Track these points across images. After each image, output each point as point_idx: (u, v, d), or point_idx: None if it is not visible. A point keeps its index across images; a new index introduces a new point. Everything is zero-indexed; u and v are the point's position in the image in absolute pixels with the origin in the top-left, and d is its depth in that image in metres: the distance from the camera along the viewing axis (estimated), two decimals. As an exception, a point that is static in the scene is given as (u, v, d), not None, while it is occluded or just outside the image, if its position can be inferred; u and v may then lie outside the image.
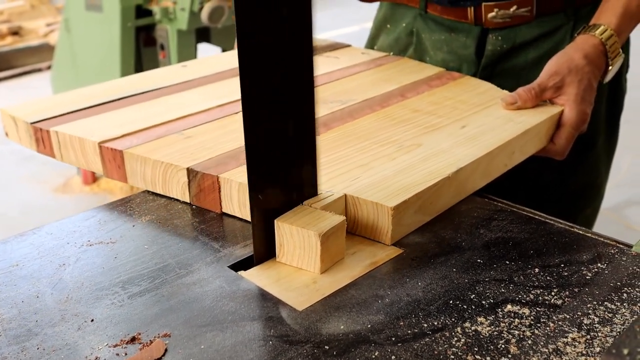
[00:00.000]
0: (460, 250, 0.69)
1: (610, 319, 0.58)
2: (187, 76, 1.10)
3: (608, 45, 0.96)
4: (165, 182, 0.81)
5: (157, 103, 0.98)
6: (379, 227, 0.70)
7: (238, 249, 0.70)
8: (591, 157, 1.17)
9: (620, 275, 0.64)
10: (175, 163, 0.78)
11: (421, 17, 1.18)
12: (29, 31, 5.66)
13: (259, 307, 0.60)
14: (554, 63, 0.96)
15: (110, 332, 0.57)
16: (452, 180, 0.76)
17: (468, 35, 1.12)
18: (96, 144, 0.84)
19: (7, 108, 0.96)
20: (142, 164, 0.81)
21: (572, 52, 0.96)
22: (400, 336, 0.56)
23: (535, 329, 0.56)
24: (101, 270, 0.67)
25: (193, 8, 2.61)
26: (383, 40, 1.28)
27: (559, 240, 0.71)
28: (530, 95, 0.93)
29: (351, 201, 0.71)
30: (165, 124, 0.90)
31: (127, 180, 0.84)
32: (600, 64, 0.97)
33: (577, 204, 1.22)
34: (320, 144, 0.82)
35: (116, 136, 0.86)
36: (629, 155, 3.32)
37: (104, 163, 0.85)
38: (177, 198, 0.81)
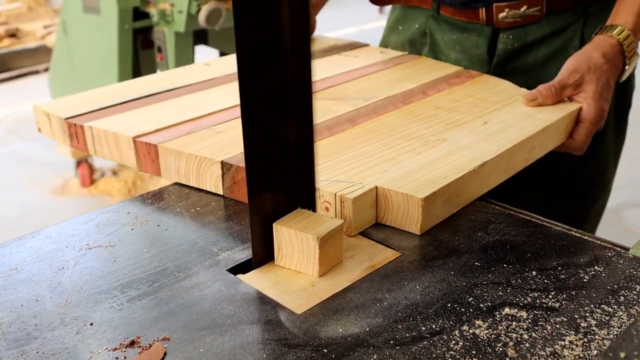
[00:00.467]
0: (458, 253, 0.69)
1: (608, 322, 0.58)
2: (211, 74, 1.13)
3: (625, 45, 0.99)
4: (199, 176, 0.83)
5: (185, 100, 1.01)
6: (409, 218, 0.73)
7: (237, 253, 0.70)
8: (601, 152, 1.19)
9: (617, 278, 0.64)
10: (209, 157, 0.81)
11: (433, 18, 1.20)
12: (26, 33, 5.65)
13: (257, 311, 0.60)
14: (574, 61, 0.98)
15: (110, 335, 0.57)
16: (477, 174, 0.78)
17: (480, 35, 1.14)
18: (130, 139, 0.87)
19: (40, 104, 0.98)
20: (175, 158, 0.84)
21: (591, 51, 0.98)
22: (398, 339, 0.56)
23: (533, 332, 0.57)
24: (100, 273, 0.67)
25: (190, 10, 2.61)
26: (395, 41, 1.30)
27: (556, 243, 0.71)
28: (550, 92, 0.95)
29: (382, 193, 0.73)
30: (195, 119, 0.93)
31: (160, 174, 0.86)
32: (617, 63, 0.99)
33: (587, 199, 1.24)
34: (347, 139, 0.87)
35: (149, 131, 0.88)
36: (626, 157, 3.33)
37: (138, 157, 0.87)
38: (210, 191, 0.83)
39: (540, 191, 1.08)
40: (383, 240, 0.72)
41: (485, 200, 0.81)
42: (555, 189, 1.18)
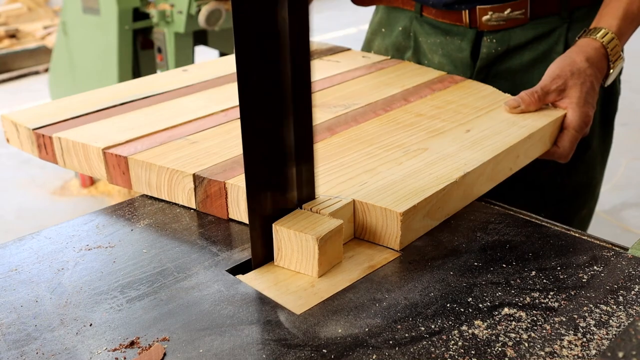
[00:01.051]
0: (457, 253, 0.69)
1: (607, 322, 0.58)
2: (189, 81, 1.10)
3: (609, 48, 0.97)
4: (170, 189, 0.80)
5: (160, 108, 0.98)
6: (387, 233, 0.70)
7: (236, 253, 0.70)
8: (587, 158, 1.18)
9: (616, 277, 0.65)
10: (181, 169, 0.78)
11: (417, 20, 1.19)
12: (26, 34, 5.66)
13: (257, 311, 0.60)
14: (557, 66, 0.96)
15: (109, 336, 0.57)
16: (460, 185, 0.76)
17: (463, 39, 1.13)
18: (100, 150, 0.84)
19: (8, 114, 0.96)
20: (146, 170, 0.81)
21: (574, 55, 0.97)
22: (397, 339, 0.56)
23: (532, 332, 0.57)
24: (100, 274, 0.67)
25: (190, 11, 2.61)
26: (379, 44, 1.28)
27: (555, 243, 0.71)
28: (533, 98, 0.94)
29: (359, 207, 0.71)
30: (169, 129, 0.90)
31: (131, 187, 0.83)
32: (602, 67, 0.98)
33: (573, 205, 1.22)
34: (326, 148, 0.84)
35: (120, 142, 0.86)
36: (624, 157, 3.33)
37: (107, 169, 0.84)
38: (182, 204, 0.80)
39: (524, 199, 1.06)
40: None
41: (485, 201, 0.81)
42: (540, 196, 1.17)
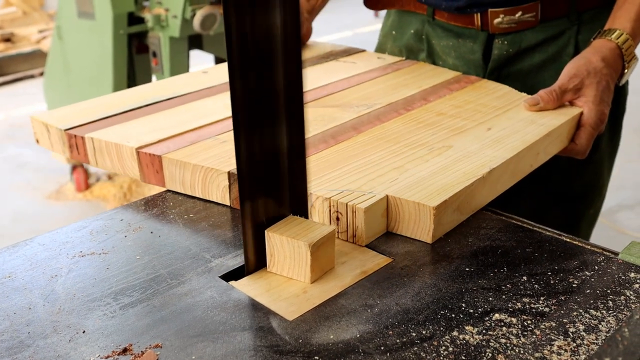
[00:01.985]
0: (449, 259, 0.70)
1: (596, 327, 0.58)
2: (209, 82, 1.13)
3: (624, 49, 1.00)
4: (205, 187, 0.82)
5: (186, 109, 1.01)
6: (420, 226, 0.73)
7: (229, 259, 0.70)
8: (595, 158, 1.20)
9: (606, 282, 0.65)
10: (215, 167, 0.80)
11: (429, 23, 1.21)
12: (21, 38, 5.65)
13: (249, 317, 0.61)
14: (573, 66, 0.99)
15: (102, 343, 0.57)
16: (486, 181, 0.79)
17: (475, 41, 1.15)
18: (134, 150, 0.86)
19: (38, 115, 0.97)
20: (180, 169, 0.83)
21: (590, 55, 0.99)
22: (389, 345, 0.56)
23: (522, 337, 0.57)
24: (93, 281, 0.67)
25: (185, 15, 2.62)
26: (391, 46, 1.31)
27: (547, 248, 0.72)
28: (551, 97, 0.96)
29: (393, 202, 0.74)
30: (198, 129, 0.93)
31: (165, 185, 0.86)
32: (617, 66, 1.00)
33: (582, 204, 1.24)
34: (353, 147, 0.87)
35: (152, 141, 0.88)
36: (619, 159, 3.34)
37: (141, 168, 0.87)
38: (217, 201, 0.82)
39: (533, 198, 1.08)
40: (375, 246, 0.72)
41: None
42: (549, 196, 1.19)
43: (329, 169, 0.80)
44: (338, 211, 0.73)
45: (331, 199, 0.73)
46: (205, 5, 2.63)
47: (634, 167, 3.31)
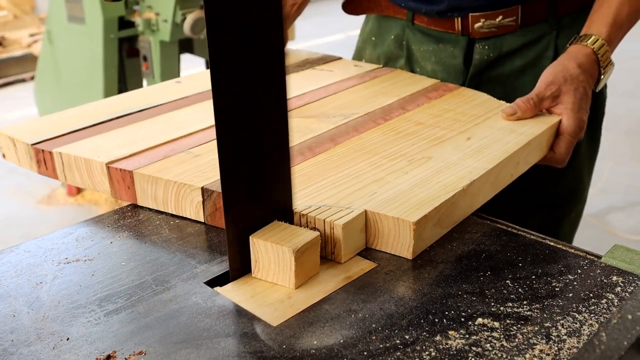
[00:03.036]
0: (433, 263, 0.70)
1: (578, 330, 0.59)
2: (183, 93, 1.10)
3: (600, 54, 1.00)
4: (178, 203, 0.80)
5: (158, 121, 0.98)
6: (400, 242, 0.71)
7: (214, 265, 0.71)
8: (575, 163, 1.20)
9: (589, 286, 0.66)
10: (188, 183, 0.78)
11: (409, 28, 1.21)
12: (12, 42, 5.63)
13: (234, 323, 0.61)
14: (550, 73, 0.99)
15: (86, 350, 0.58)
16: (466, 193, 0.78)
17: (456, 46, 1.15)
18: (103, 165, 0.83)
19: (4, 129, 0.94)
20: (153, 185, 0.81)
21: (567, 61, 0.99)
22: (372, 351, 0.57)
23: (505, 341, 0.58)
24: (78, 288, 0.67)
25: (175, 19, 2.62)
26: (370, 53, 1.30)
27: (531, 252, 0.72)
28: (529, 105, 0.96)
29: (372, 217, 0.72)
30: (171, 142, 0.90)
31: (137, 201, 0.83)
32: (593, 72, 1.00)
33: (563, 209, 1.25)
34: (331, 159, 0.86)
35: (123, 156, 0.85)
36: (610, 161, 3.36)
37: (112, 184, 0.84)
38: (190, 217, 0.80)
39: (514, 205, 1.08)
40: (359, 251, 0.73)
41: (462, 210, 0.82)
42: (530, 201, 1.19)
43: (306, 182, 0.78)
44: (315, 227, 0.71)
45: (308, 215, 0.71)
46: (195, 9, 2.63)
47: (625, 169, 3.33)
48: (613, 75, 1.07)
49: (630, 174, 3.30)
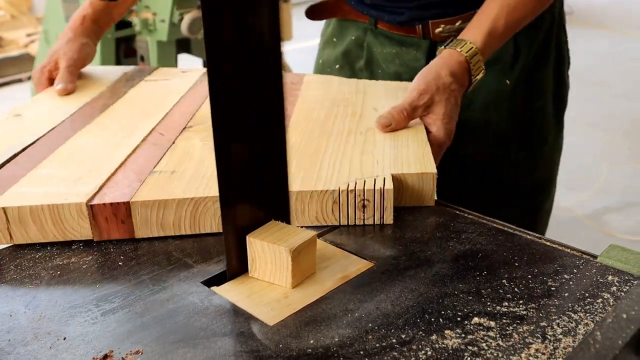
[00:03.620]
0: (430, 263, 0.70)
1: (574, 329, 0.59)
2: (59, 116, 1.05)
3: (472, 63, 0.99)
4: (195, 220, 0.76)
5: (65, 152, 0.90)
6: (423, 194, 0.81)
7: (211, 265, 0.71)
8: (545, 153, 1.24)
9: (585, 285, 0.66)
10: (206, 195, 0.75)
11: (371, 32, 1.24)
12: (9, 42, 5.62)
13: (230, 323, 0.61)
14: (423, 81, 0.97)
15: (83, 350, 0.58)
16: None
17: (418, 49, 1.18)
18: (83, 206, 0.74)
19: None
20: (159, 210, 0.75)
21: (439, 68, 0.98)
22: (368, 350, 0.57)
23: (501, 341, 0.58)
24: (75, 287, 0.67)
25: (173, 19, 2.62)
26: (329, 53, 1.33)
27: (527, 251, 0.72)
28: (402, 115, 0.95)
29: (396, 178, 0.80)
30: (121, 167, 0.85)
31: (134, 234, 0.76)
32: (464, 81, 1.00)
33: (536, 201, 1.28)
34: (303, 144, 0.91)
35: (94, 191, 0.77)
36: (606, 162, 3.37)
37: (96, 224, 0.75)
38: (210, 232, 0.77)
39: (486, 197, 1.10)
40: (357, 251, 0.73)
41: (459, 209, 0.82)
42: (502, 194, 1.21)
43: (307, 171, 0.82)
44: (365, 199, 0.75)
45: (356, 189, 0.76)
46: (193, 9, 2.63)
47: (622, 170, 3.34)
48: (610, 76, 1.08)
49: (627, 174, 3.31)
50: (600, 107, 4.17)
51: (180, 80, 1.23)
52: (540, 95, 1.21)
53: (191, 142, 0.93)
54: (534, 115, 1.22)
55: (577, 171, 3.28)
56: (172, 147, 0.91)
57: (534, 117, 1.22)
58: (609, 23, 6.51)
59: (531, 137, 1.22)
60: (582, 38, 5.96)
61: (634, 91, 4.50)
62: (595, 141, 3.63)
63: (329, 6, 1.29)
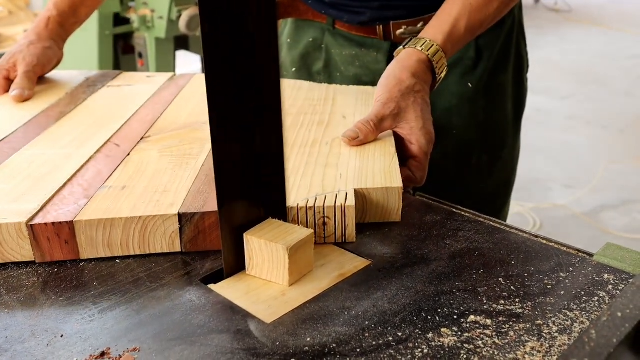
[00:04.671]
0: (426, 261, 0.70)
1: (569, 328, 0.59)
2: (11, 125, 1.01)
3: (435, 61, 0.95)
4: (144, 239, 0.72)
5: (18, 161, 0.87)
6: (389, 209, 0.78)
7: (209, 262, 0.71)
8: (505, 156, 1.24)
9: (581, 284, 0.66)
10: (157, 213, 0.71)
11: (329, 32, 1.21)
12: (6, 38, 5.61)
13: (227, 320, 0.61)
14: (385, 90, 0.93)
15: (80, 347, 0.58)
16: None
17: (379, 51, 1.16)
18: (23, 225, 0.69)
19: None
20: (106, 229, 0.71)
21: (399, 72, 0.94)
22: (365, 348, 0.57)
23: (497, 338, 0.58)
24: (73, 284, 0.67)
25: (171, 16, 2.62)
26: (284, 55, 1.28)
27: (523, 250, 0.72)
28: (369, 127, 0.89)
29: (361, 193, 0.77)
30: (70, 181, 0.81)
31: (78, 255, 0.71)
32: (427, 79, 0.96)
33: (496, 203, 1.28)
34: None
35: (36, 209, 0.72)
36: (603, 160, 3.38)
37: (38, 245, 0.70)
38: (161, 252, 0.73)
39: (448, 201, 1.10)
40: (353, 248, 0.73)
41: (455, 208, 0.82)
42: (464, 197, 1.20)
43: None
44: (325, 216, 0.72)
45: (315, 205, 0.72)
46: (191, 6, 2.63)
47: (618, 167, 3.35)
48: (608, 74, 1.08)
49: (624, 172, 3.31)
50: (597, 105, 4.18)
51: (144, 86, 1.19)
52: (500, 98, 1.21)
53: (147, 154, 0.88)
54: (495, 118, 1.21)
55: (574, 169, 3.29)
56: (126, 159, 0.87)
57: (495, 121, 1.21)
58: (606, 21, 6.51)
59: (491, 140, 1.22)
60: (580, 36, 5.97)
61: (632, 89, 4.51)
62: (593, 139, 3.64)
63: (283, 6, 1.24)
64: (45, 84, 1.21)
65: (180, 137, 0.94)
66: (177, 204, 0.73)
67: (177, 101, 1.10)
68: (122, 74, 1.28)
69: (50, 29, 1.20)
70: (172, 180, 0.80)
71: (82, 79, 1.25)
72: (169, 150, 0.89)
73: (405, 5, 1.11)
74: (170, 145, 0.91)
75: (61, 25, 1.22)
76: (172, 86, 1.19)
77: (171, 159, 0.86)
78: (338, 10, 1.17)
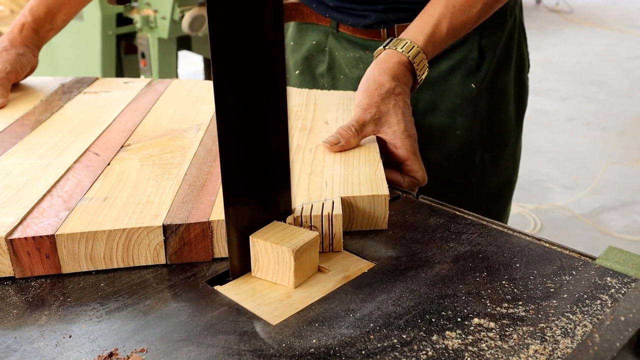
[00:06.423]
0: (430, 264, 0.71)
1: (572, 331, 0.60)
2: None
3: (416, 62, 0.95)
4: (127, 252, 0.70)
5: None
6: (375, 217, 0.77)
7: (215, 264, 0.71)
8: (507, 155, 1.25)
9: (584, 287, 0.67)
10: (141, 225, 0.69)
11: (333, 35, 1.21)
12: (8, 37, 5.62)
13: (234, 322, 0.62)
14: (365, 95, 0.93)
15: (88, 348, 0.58)
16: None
17: None
18: (2, 240, 0.67)
19: None
20: (88, 242, 0.69)
21: (378, 75, 0.93)
22: (370, 350, 0.58)
23: (500, 341, 0.59)
24: (81, 285, 0.68)
25: (174, 17, 2.62)
26: (288, 59, 1.28)
27: (526, 253, 0.73)
28: (351, 132, 0.89)
29: (347, 201, 0.76)
30: (49, 193, 0.78)
31: (59, 270, 0.69)
32: (408, 81, 0.95)
33: (498, 202, 1.29)
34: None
35: (15, 222, 0.70)
36: (603, 161, 3.38)
37: (17, 260, 0.68)
38: (145, 264, 0.71)
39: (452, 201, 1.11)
40: (358, 251, 0.74)
41: (458, 210, 0.83)
42: (468, 197, 1.22)
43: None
44: (312, 225, 0.72)
45: (302, 214, 0.71)
46: (194, 6, 2.64)
47: (618, 169, 3.35)
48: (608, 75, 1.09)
49: (624, 173, 3.32)
50: (597, 106, 4.19)
51: (121, 93, 1.16)
52: (503, 98, 1.22)
53: (128, 163, 0.86)
54: (497, 118, 1.22)
55: (574, 170, 3.30)
56: (106, 169, 0.85)
57: (497, 120, 1.22)
58: (607, 22, 6.52)
59: (495, 140, 1.23)
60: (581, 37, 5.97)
61: (632, 90, 4.52)
62: (593, 140, 3.65)
63: (287, 9, 1.24)
64: (19, 91, 1.18)
65: (161, 145, 0.93)
66: (161, 215, 0.71)
67: (156, 108, 1.09)
68: (98, 80, 1.25)
69: (24, 35, 1.17)
70: (154, 190, 0.78)
71: (57, 86, 1.22)
72: (150, 159, 0.88)
73: (410, 7, 1.11)
74: (151, 153, 0.90)
75: (36, 31, 1.19)
76: (150, 92, 1.17)
77: (153, 168, 0.85)
78: (342, 13, 1.17)
